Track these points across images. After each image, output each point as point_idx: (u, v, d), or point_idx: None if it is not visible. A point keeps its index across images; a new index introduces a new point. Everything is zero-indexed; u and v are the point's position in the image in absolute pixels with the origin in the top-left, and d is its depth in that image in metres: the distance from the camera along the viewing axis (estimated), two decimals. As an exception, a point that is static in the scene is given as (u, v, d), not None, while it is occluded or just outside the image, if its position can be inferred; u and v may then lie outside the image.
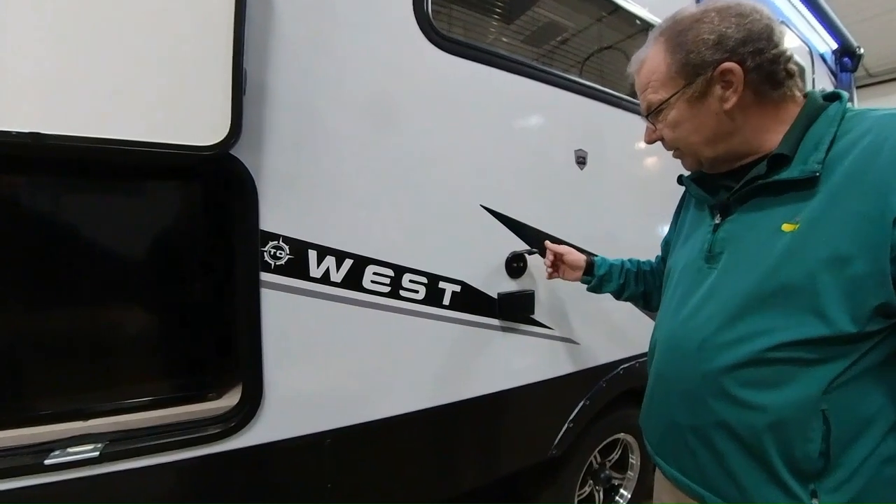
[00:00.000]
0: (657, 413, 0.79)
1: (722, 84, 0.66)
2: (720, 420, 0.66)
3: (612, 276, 1.10)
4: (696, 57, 0.66)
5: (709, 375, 0.66)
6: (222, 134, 0.77)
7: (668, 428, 0.75)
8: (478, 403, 1.20)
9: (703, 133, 0.70)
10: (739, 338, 0.64)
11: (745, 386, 0.63)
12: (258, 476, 0.93)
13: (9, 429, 0.80)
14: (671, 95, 0.70)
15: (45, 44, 0.68)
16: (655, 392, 0.80)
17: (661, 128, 0.74)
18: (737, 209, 0.70)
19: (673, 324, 0.75)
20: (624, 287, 1.09)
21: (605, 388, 1.48)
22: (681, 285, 0.77)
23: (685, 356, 0.70)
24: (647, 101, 0.74)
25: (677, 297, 0.77)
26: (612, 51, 1.64)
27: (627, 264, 1.11)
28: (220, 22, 0.76)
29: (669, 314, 0.78)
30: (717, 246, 0.71)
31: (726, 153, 0.70)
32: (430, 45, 1.08)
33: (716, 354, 0.66)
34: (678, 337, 0.73)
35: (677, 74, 0.69)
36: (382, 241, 1.04)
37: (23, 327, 0.83)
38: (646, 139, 0.79)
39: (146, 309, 0.92)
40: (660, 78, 0.71)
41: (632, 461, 1.77)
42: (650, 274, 1.08)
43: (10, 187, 0.82)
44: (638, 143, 1.59)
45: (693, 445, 0.70)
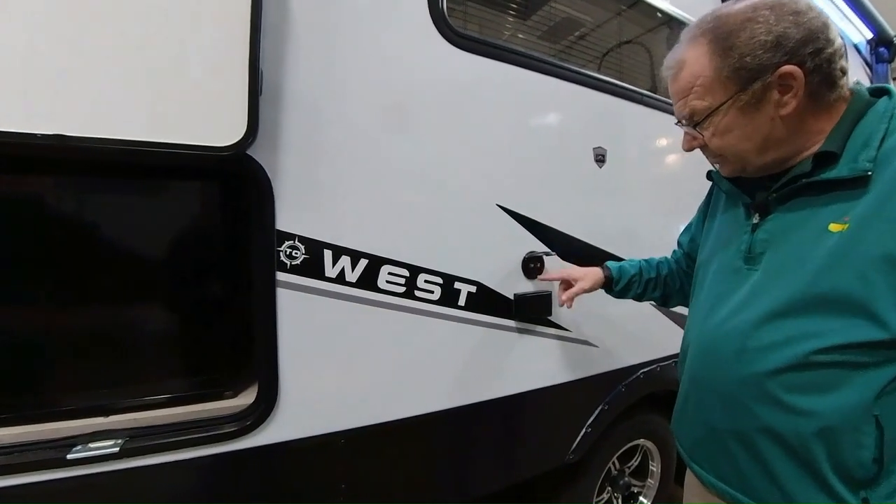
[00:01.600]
0: (692, 418, 0.77)
1: (780, 89, 0.62)
2: (764, 425, 0.64)
3: (630, 286, 1.07)
4: (752, 61, 0.62)
5: (750, 379, 0.65)
6: (239, 134, 0.78)
7: (704, 433, 0.74)
8: (493, 406, 1.19)
9: (754, 140, 0.66)
10: (785, 340, 0.62)
11: (792, 390, 0.61)
12: (273, 475, 0.94)
13: (33, 424, 0.83)
14: (722, 103, 0.65)
15: (69, 48, 0.70)
16: (690, 396, 0.78)
17: (706, 135, 0.70)
18: (777, 208, 0.68)
19: (708, 326, 0.73)
20: (644, 293, 1.07)
21: (624, 393, 1.45)
22: (716, 287, 0.75)
23: (723, 359, 0.69)
24: (689, 108, 0.69)
25: (712, 299, 0.75)
26: (631, 45, 1.61)
27: (646, 272, 1.07)
28: (237, 24, 0.77)
29: (703, 316, 0.76)
30: (758, 246, 0.69)
31: (775, 160, 0.68)
32: (446, 43, 1.07)
33: (758, 358, 0.64)
34: (714, 339, 0.71)
35: (729, 80, 0.64)
36: (397, 241, 1.04)
37: (45, 326, 0.86)
38: (685, 146, 0.75)
39: (164, 308, 0.95)
40: (706, 83, 0.66)
41: (652, 468, 1.73)
42: (669, 277, 1.06)
43: (36, 188, 0.85)
44: (658, 140, 1.55)
45: (734, 450, 0.68)
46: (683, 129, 0.74)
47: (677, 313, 1.60)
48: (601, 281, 1.08)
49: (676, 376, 0.86)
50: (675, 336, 1.60)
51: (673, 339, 1.61)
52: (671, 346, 1.61)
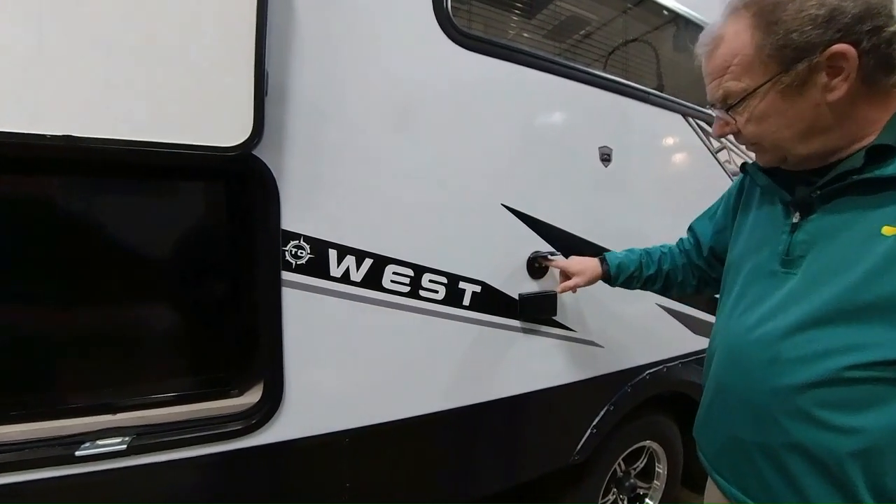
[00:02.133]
0: (716, 426, 0.73)
1: (829, 71, 0.55)
2: (795, 441, 0.60)
3: (629, 282, 1.07)
4: (799, 37, 0.54)
5: (781, 391, 0.61)
6: (245, 135, 0.79)
7: (728, 443, 0.70)
8: (497, 406, 1.19)
9: (796, 127, 0.60)
10: (824, 352, 0.57)
11: (827, 406, 0.57)
12: (277, 473, 0.95)
13: (43, 421, 0.84)
14: (760, 84, 0.59)
15: (78, 51, 0.71)
16: (715, 404, 0.74)
17: (740, 121, 0.64)
18: (821, 207, 0.62)
19: (737, 331, 0.69)
20: (642, 288, 1.06)
21: (630, 394, 1.45)
22: (748, 290, 0.70)
23: (752, 368, 0.65)
24: (723, 90, 0.63)
25: (743, 303, 0.70)
26: (637, 43, 1.60)
27: (646, 268, 1.04)
28: (243, 26, 0.78)
29: (733, 320, 0.71)
30: (797, 249, 0.63)
31: (820, 150, 0.61)
32: (450, 43, 1.08)
33: (791, 369, 0.60)
34: (744, 346, 0.67)
35: (770, 59, 0.57)
36: (402, 241, 1.04)
37: (55, 325, 0.87)
38: (715, 132, 0.70)
39: (172, 307, 0.96)
40: (745, 62, 0.59)
41: (658, 470, 1.72)
42: (672, 272, 1.02)
43: (45, 188, 0.86)
44: (664, 138, 1.55)
45: (759, 464, 0.65)
46: (715, 112, 0.67)
47: (685, 314, 1.60)
48: (599, 275, 1.08)
49: (698, 379, 0.85)
50: (683, 337, 1.60)
51: (680, 340, 1.60)
52: (678, 347, 1.60)
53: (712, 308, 1.65)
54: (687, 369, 1.62)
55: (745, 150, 1.76)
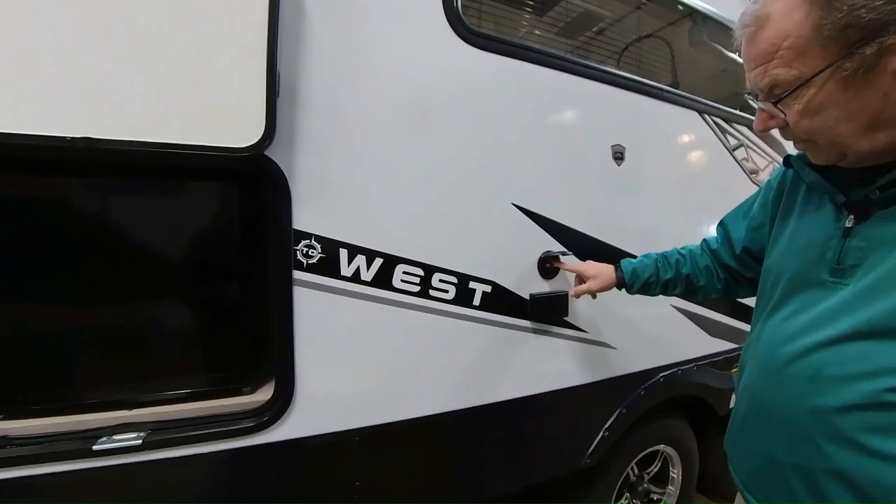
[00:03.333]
0: (749, 442, 0.69)
1: None
2: (835, 467, 0.56)
3: (647, 287, 1.03)
4: (865, 14, 0.47)
5: (821, 412, 0.56)
6: (257, 136, 0.81)
7: (762, 461, 0.66)
8: (507, 407, 1.20)
9: (858, 121, 0.52)
10: (871, 371, 0.53)
11: (874, 431, 0.53)
12: (288, 471, 0.97)
13: (61, 415, 0.87)
14: (818, 72, 0.51)
15: (95, 56, 0.74)
16: (748, 418, 0.70)
17: (791, 114, 0.56)
18: (880, 210, 0.56)
19: (775, 341, 0.64)
20: (663, 293, 1.03)
21: (643, 397, 1.44)
22: (791, 299, 0.65)
23: (790, 384, 0.60)
24: (770, 79, 0.55)
25: (784, 312, 0.65)
26: (651, 40, 1.59)
27: (663, 272, 1.01)
28: (255, 28, 0.80)
29: (770, 329, 0.67)
30: (850, 256, 0.58)
31: (888, 145, 0.54)
32: (461, 41, 1.08)
33: (834, 388, 0.55)
34: (782, 359, 0.62)
35: (831, 41, 0.49)
36: (412, 240, 1.05)
37: (73, 322, 0.91)
38: (758, 126, 0.62)
39: (185, 305, 0.98)
40: (798, 45, 0.51)
41: (672, 475, 1.71)
42: (693, 275, 0.97)
43: (65, 190, 0.89)
44: (679, 136, 1.53)
45: (795, 488, 0.61)
46: (758, 104, 0.60)
47: (700, 315, 1.58)
48: (613, 282, 1.06)
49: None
50: (698, 339, 1.58)
51: (695, 342, 1.59)
52: (693, 350, 1.59)
53: (729, 310, 1.65)
54: (702, 372, 1.60)
55: (763, 147, 1.75)
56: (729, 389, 1.71)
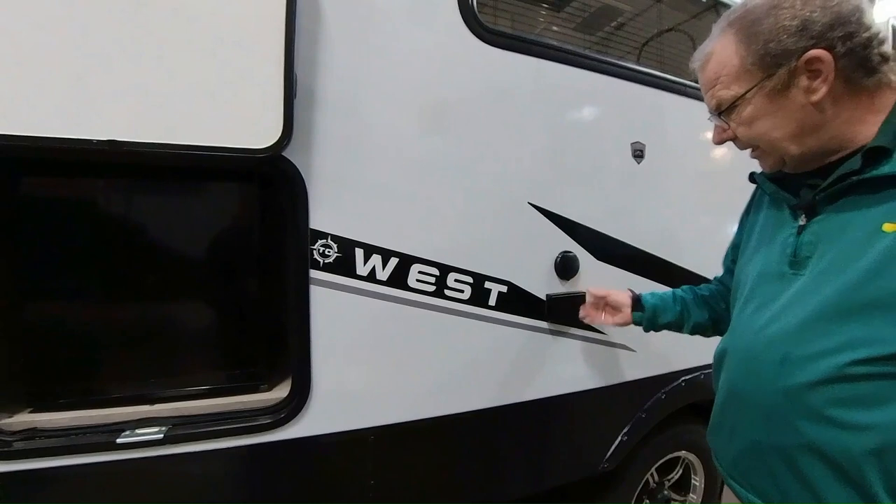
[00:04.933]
0: (730, 432, 0.75)
1: (808, 74, 0.62)
2: (808, 441, 0.62)
3: (665, 305, 1.03)
4: (776, 46, 0.62)
5: (792, 391, 0.62)
6: (275, 136, 0.84)
7: (744, 448, 0.72)
8: (524, 409, 1.20)
9: (786, 128, 0.66)
10: (833, 348, 0.59)
11: (839, 404, 0.59)
12: (304, 468, 1.00)
13: (87, 409, 0.92)
14: (747, 90, 0.66)
15: (121, 62, 0.78)
16: (727, 408, 0.76)
17: (734, 126, 0.71)
18: (825, 209, 0.66)
19: (748, 334, 0.71)
20: (684, 315, 1.02)
21: (664, 401, 1.42)
22: (757, 293, 0.73)
23: (764, 370, 0.67)
24: (716, 99, 0.71)
25: (752, 306, 0.73)
26: (672, 33, 1.57)
27: (680, 292, 1.05)
28: (272, 29, 0.83)
29: (743, 323, 0.74)
30: (804, 250, 0.67)
31: (815, 149, 0.66)
32: (476, 40, 1.09)
33: (801, 368, 0.62)
34: (755, 349, 0.69)
35: (753, 66, 0.65)
36: (428, 240, 1.07)
37: (98, 320, 0.95)
38: (714, 139, 0.77)
39: (205, 303, 1.02)
40: (732, 72, 0.67)
41: (694, 482, 1.68)
42: (712, 299, 1.01)
43: (90, 190, 0.94)
44: (702, 132, 1.51)
45: (774, 468, 0.66)
46: (713, 121, 0.75)
47: (723, 318, 1.55)
48: (628, 299, 1.07)
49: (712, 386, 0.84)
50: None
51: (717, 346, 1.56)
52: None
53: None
54: (726, 377, 1.57)
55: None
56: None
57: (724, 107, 0.70)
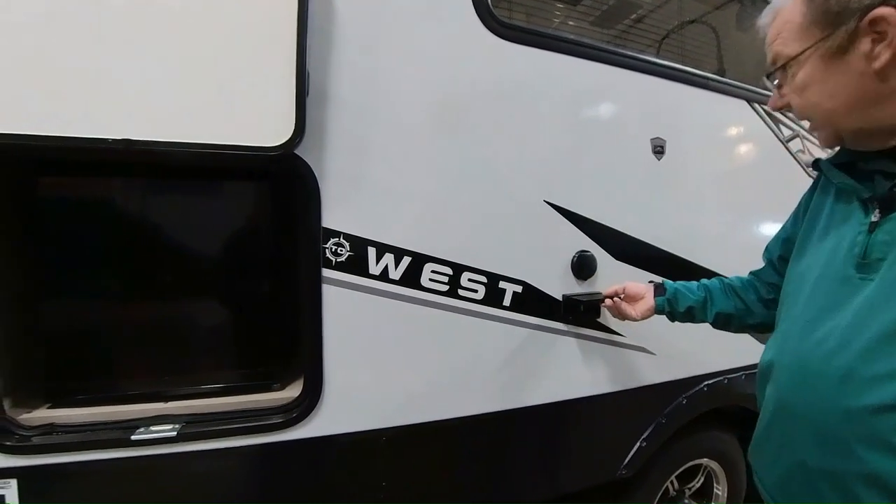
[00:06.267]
0: (776, 451, 0.69)
1: (872, 36, 0.55)
2: (868, 470, 0.56)
3: (688, 289, 0.99)
4: (836, 3, 0.57)
5: (854, 413, 0.57)
6: (287, 135, 0.85)
7: (790, 469, 0.66)
8: (538, 412, 1.19)
9: (840, 99, 0.60)
10: None
11: None
12: (316, 468, 1.01)
13: (103, 406, 0.94)
14: (803, 51, 0.61)
15: (136, 61, 0.79)
16: (774, 425, 0.70)
17: (787, 91, 0.66)
18: None
19: (804, 344, 0.64)
20: (707, 302, 0.97)
21: (685, 406, 1.39)
22: (817, 298, 0.66)
23: (821, 385, 0.60)
24: (772, 54, 0.66)
25: (810, 312, 0.66)
26: (695, 25, 1.54)
27: (706, 280, 1.01)
28: (284, 28, 0.83)
29: (797, 331, 0.67)
30: (876, 251, 0.59)
31: (874, 125, 0.60)
32: (491, 35, 1.09)
33: (867, 388, 0.55)
34: (811, 361, 0.62)
35: (813, 25, 0.59)
36: (441, 239, 1.06)
37: (114, 318, 0.97)
38: (769, 104, 0.73)
39: (217, 303, 1.04)
40: (792, 29, 0.62)
41: (717, 491, 1.64)
42: (742, 289, 0.95)
43: (105, 190, 0.96)
44: (726, 128, 1.48)
45: (824, 495, 0.61)
46: (769, 85, 0.70)
47: (748, 320, 1.51)
48: (645, 289, 1.06)
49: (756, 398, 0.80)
50: (746, 345, 1.51)
51: (743, 349, 1.51)
52: (741, 357, 1.52)
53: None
54: (751, 382, 1.51)
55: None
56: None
57: (778, 63, 0.65)
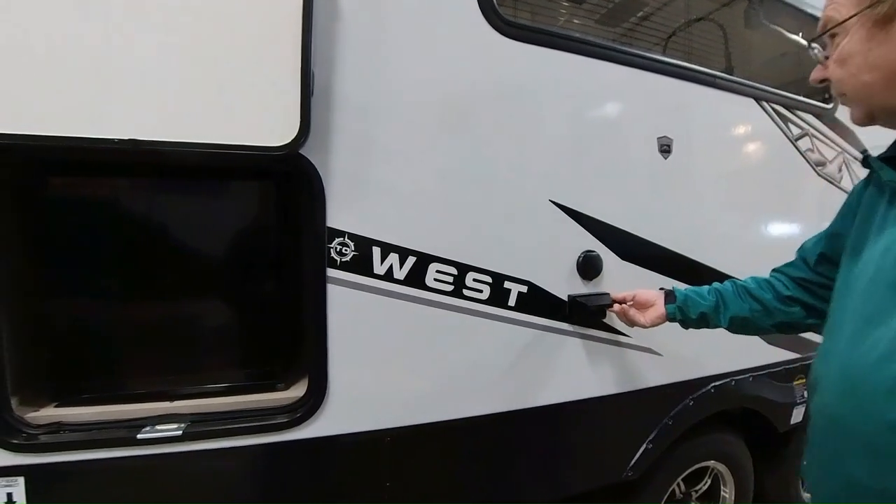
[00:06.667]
0: (826, 465, 0.67)
1: None
2: None
3: (699, 295, 0.98)
4: None
5: None
6: (292, 134, 0.85)
7: (843, 486, 0.63)
8: (543, 413, 1.19)
9: (880, 71, 0.57)
10: None
11: None
12: (319, 468, 1.01)
13: (109, 404, 0.95)
14: (851, 16, 0.58)
15: (140, 62, 0.80)
16: (825, 439, 0.67)
17: (830, 63, 0.62)
18: None
19: (851, 353, 0.62)
20: (719, 306, 0.95)
21: (691, 408, 1.38)
22: (865, 305, 0.63)
23: (870, 398, 0.58)
24: (823, 20, 0.63)
25: (858, 321, 0.63)
26: (702, 23, 1.53)
27: (718, 284, 0.99)
28: (289, 27, 0.84)
29: (845, 341, 0.64)
30: None
31: None
32: (496, 33, 1.08)
33: None
34: (858, 370, 0.59)
35: None
36: (446, 239, 1.06)
37: (120, 317, 0.98)
38: (812, 77, 0.68)
39: (222, 302, 1.04)
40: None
41: (724, 494, 1.63)
42: (759, 290, 0.92)
43: (111, 190, 0.97)
44: (734, 126, 1.47)
45: None
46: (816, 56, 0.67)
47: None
48: (655, 296, 1.05)
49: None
50: (754, 347, 1.50)
51: (751, 351, 1.51)
52: (749, 359, 1.51)
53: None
54: (759, 384, 1.52)
55: (832, 136, 1.64)
56: (790, 404, 1.62)
57: (828, 27, 0.62)
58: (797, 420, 1.65)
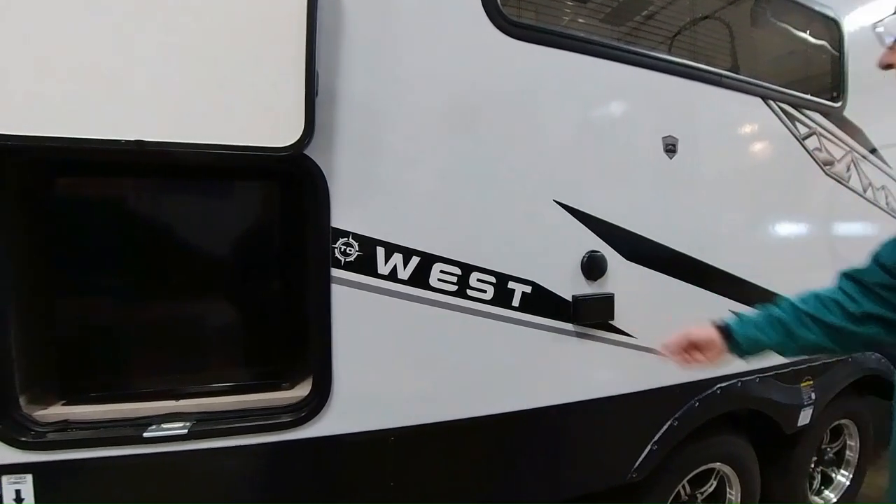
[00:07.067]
0: None
1: None
2: None
3: (761, 331, 0.86)
4: None
5: None
6: (297, 135, 0.86)
7: None
8: (548, 413, 1.19)
9: None
10: None
11: None
12: (324, 467, 1.01)
13: (115, 403, 0.96)
14: None
15: (146, 64, 0.81)
16: None
17: None
18: None
19: None
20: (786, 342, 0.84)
21: (697, 409, 1.38)
22: None
23: None
24: None
25: None
26: (707, 21, 1.52)
27: (778, 311, 0.86)
28: (293, 28, 0.84)
29: None
30: None
31: None
32: (500, 33, 1.09)
33: None
34: None
35: None
36: (450, 239, 1.07)
37: (126, 317, 0.99)
38: (878, 62, 0.70)
39: (228, 302, 1.05)
40: None
41: (730, 496, 1.62)
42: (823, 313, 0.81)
43: (118, 190, 0.98)
44: (740, 125, 1.46)
45: None
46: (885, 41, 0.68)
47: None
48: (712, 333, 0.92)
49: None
50: (760, 347, 1.49)
51: (757, 352, 1.50)
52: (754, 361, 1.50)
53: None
54: (766, 385, 1.51)
55: (840, 135, 1.62)
56: (797, 406, 1.60)
57: None
58: (804, 422, 1.64)
